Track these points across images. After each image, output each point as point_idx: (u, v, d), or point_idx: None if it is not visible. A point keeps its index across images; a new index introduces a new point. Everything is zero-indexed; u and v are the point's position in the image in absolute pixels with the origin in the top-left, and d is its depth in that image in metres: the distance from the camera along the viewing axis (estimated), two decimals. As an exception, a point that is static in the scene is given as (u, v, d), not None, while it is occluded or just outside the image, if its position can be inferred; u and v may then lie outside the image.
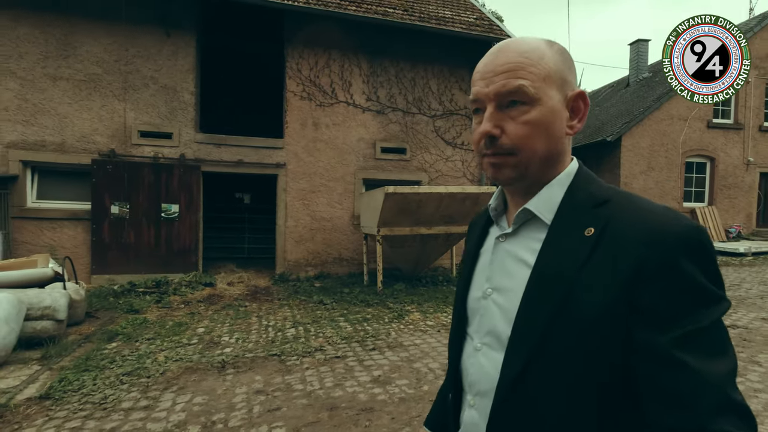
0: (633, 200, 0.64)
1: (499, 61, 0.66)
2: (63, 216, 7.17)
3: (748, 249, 10.09)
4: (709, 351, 0.53)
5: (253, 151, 8.02)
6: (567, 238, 0.64)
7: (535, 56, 0.65)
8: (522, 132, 0.65)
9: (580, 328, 0.58)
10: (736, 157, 12.51)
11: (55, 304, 4.32)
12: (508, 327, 0.66)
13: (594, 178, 0.70)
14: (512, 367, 0.63)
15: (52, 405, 3.12)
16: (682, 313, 0.54)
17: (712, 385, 0.51)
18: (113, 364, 3.87)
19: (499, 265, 0.72)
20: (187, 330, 5.01)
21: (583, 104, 0.69)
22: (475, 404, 0.71)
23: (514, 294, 0.67)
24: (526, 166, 0.67)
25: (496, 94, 0.65)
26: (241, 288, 7.57)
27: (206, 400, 3.14)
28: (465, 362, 0.76)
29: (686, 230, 0.57)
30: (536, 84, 0.64)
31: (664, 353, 0.53)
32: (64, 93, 7.10)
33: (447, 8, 9.42)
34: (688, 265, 0.55)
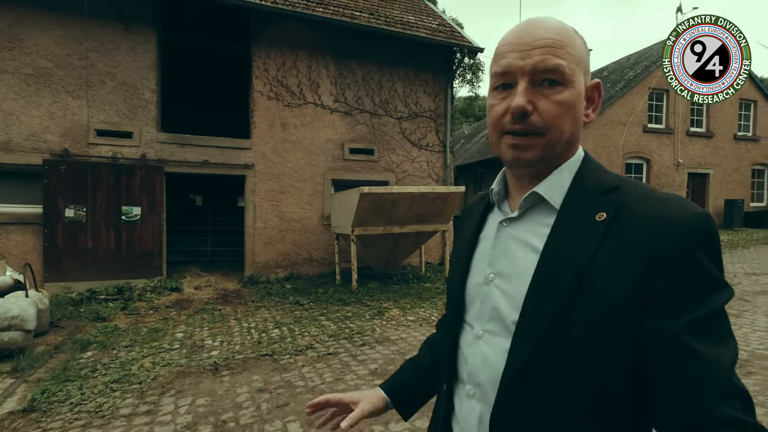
0: (642, 187, 0.64)
1: (537, 35, 0.64)
2: (9, 220, 6.65)
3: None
4: (716, 337, 0.54)
5: (219, 152, 7.84)
6: (578, 222, 0.63)
7: (572, 37, 0.65)
8: (555, 111, 0.63)
9: (591, 314, 0.57)
10: (668, 158, 13.81)
11: (23, 314, 4.06)
12: (513, 312, 0.64)
13: (600, 165, 0.70)
14: (520, 354, 0.62)
15: (40, 417, 2.96)
16: (694, 301, 0.55)
17: (719, 372, 0.52)
18: (96, 373, 3.71)
19: (503, 250, 0.70)
20: (165, 335, 4.86)
21: (597, 95, 0.69)
22: (475, 394, 0.69)
23: (520, 279, 0.65)
24: (552, 147, 0.65)
25: (534, 69, 0.63)
26: (210, 292, 7.39)
27: (209, 402, 3.12)
28: (464, 350, 0.73)
29: (699, 219, 0.57)
30: (571, 66, 0.63)
31: (675, 340, 0.54)
32: (9, 88, 6.58)
33: (410, 13, 9.69)
34: (701, 254, 0.56)
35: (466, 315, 0.75)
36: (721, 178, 14.54)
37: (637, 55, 15.94)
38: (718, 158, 14.45)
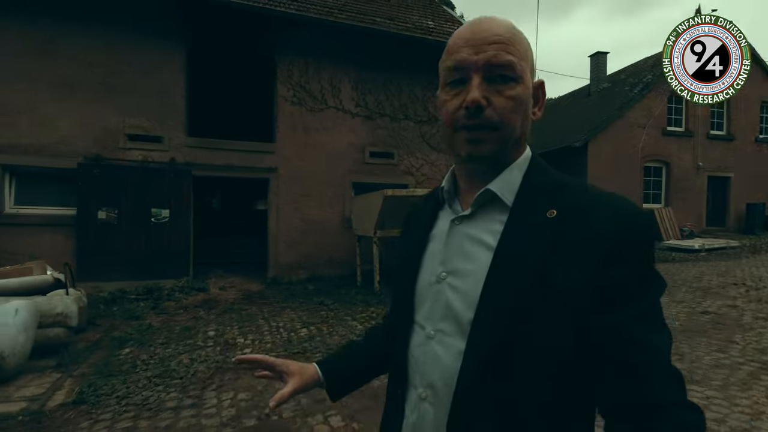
0: (587, 186, 0.66)
1: (491, 31, 0.65)
2: (44, 222, 6.89)
3: (702, 246, 11.05)
4: (657, 327, 0.58)
5: (244, 156, 8.02)
6: (530, 219, 0.64)
7: (520, 37, 0.67)
8: (508, 106, 0.64)
9: (546, 310, 0.58)
10: (688, 161, 13.66)
11: (66, 311, 4.23)
12: (467, 310, 0.64)
13: (547, 165, 0.72)
14: (477, 352, 0.62)
15: (90, 409, 3.11)
16: (639, 294, 0.58)
17: (662, 358, 0.56)
18: (137, 368, 3.86)
19: (456, 248, 0.70)
20: (198, 334, 5.00)
21: (542, 94, 0.71)
22: (427, 397, 0.68)
23: (473, 277, 0.65)
24: (505, 142, 0.66)
25: (487, 64, 0.64)
26: (234, 292, 7.55)
27: (250, 396, 3.23)
28: (414, 352, 0.72)
29: (642, 218, 0.61)
30: (521, 63, 0.65)
31: (623, 330, 0.56)
32: (45, 94, 6.84)
33: (430, 19, 9.80)
34: (645, 250, 0.60)
35: (416, 315, 0.73)
36: (742, 181, 14.31)
37: (655, 57, 15.79)
38: (739, 161, 14.24)
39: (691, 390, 3.18)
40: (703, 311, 5.48)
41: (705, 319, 5.11)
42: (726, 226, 14.24)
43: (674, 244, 11.55)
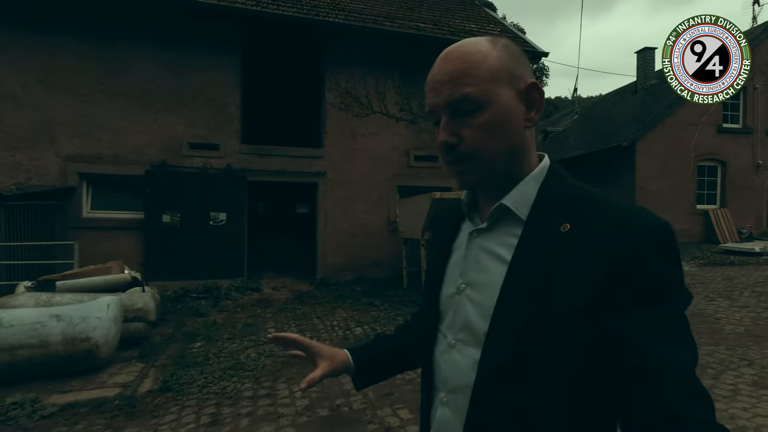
0: (604, 198, 0.65)
1: (443, 70, 0.67)
2: (117, 225, 7.47)
3: (764, 249, 10.45)
4: (676, 340, 0.56)
5: (294, 161, 8.36)
6: (543, 233, 0.64)
7: (477, 59, 0.65)
8: (478, 136, 0.65)
9: (558, 323, 0.59)
10: (746, 160, 12.94)
11: (146, 307, 4.63)
12: (483, 322, 0.66)
13: (565, 174, 0.71)
14: (490, 362, 0.63)
15: (176, 396, 3.41)
16: (653, 306, 0.57)
17: (681, 373, 0.54)
18: (210, 361, 4.17)
19: (473, 261, 0.72)
20: (259, 330, 5.30)
21: (537, 94, 0.68)
22: (448, 401, 0.71)
23: (489, 289, 0.67)
24: (490, 168, 0.67)
25: (446, 104, 0.66)
26: (286, 292, 7.87)
27: (320, 389, 3.44)
28: (438, 359, 0.75)
29: (655, 227, 0.60)
30: (482, 87, 0.64)
31: (636, 343, 0.55)
32: (119, 108, 7.43)
33: (472, 22, 9.85)
34: (659, 261, 0.58)
35: (440, 324, 0.76)
36: (809, 180, 13.39)
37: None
38: (805, 159, 13.33)
39: (764, 396, 3.11)
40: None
41: (774, 325, 4.91)
42: (790, 228, 13.36)
43: (732, 247, 10.98)
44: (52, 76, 7.19)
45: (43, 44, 7.10)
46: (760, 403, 3.01)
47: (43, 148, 7.16)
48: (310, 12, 7.97)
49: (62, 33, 7.16)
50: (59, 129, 7.21)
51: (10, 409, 3.17)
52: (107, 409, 3.23)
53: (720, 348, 4.19)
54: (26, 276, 5.90)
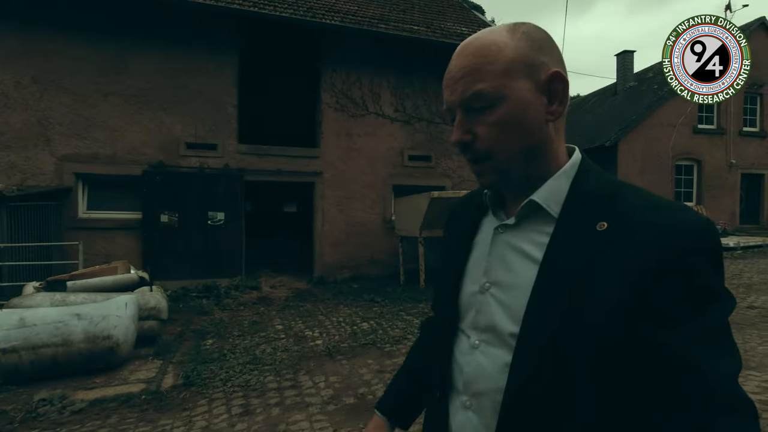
0: (642, 194, 0.62)
1: (458, 66, 0.64)
2: (114, 225, 7.44)
3: (737, 244, 11.06)
4: (719, 350, 0.53)
5: (291, 161, 8.46)
6: (578, 232, 0.61)
7: (492, 52, 0.62)
8: (492, 134, 0.63)
9: (594, 326, 0.56)
10: (720, 159, 13.61)
11: (159, 305, 4.69)
12: (511, 324, 0.63)
13: (599, 170, 0.68)
14: (523, 367, 0.60)
15: (201, 390, 3.52)
16: (695, 313, 0.53)
17: (721, 383, 0.51)
18: (227, 356, 4.28)
19: (499, 258, 0.68)
20: (267, 327, 5.42)
21: (560, 85, 0.64)
22: (471, 405, 0.67)
23: (518, 290, 0.64)
24: (506, 167, 0.65)
25: (460, 101, 0.64)
26: (285, 291, 7.97)
27: (341, 379, 3.60)
28: (459, 359, 0.71)
29: (700, 227, 0.56)
30: (496, 82, 0.61)
31: (677, 353, 0.52)
32: (115, 107, 7.40)
33: (463, 25, 10.09)
34: (702, 263, 0.55)
35: (461, 323, 0.73)
36: (777, 178, 14.16)
37: (685, 55, 15.75)
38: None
39: (749, 375, 3.42)
40: (749, 306, 5.65)
41: (752, 313, 5.29)
42: (760, 223, 14.11)
43: (708, 242, 11.55)
44: (45, 75, 7.11)
45: (35, 42, 7.02)
46: (746, 382, 3.31)
47: (38, 148, 7.08)
48: (306, 14, 8.08)
49: (55, 31, 7.09)
50: (54, 128, 7.14)
51: (39, 406, 3.23)
52: (135, 403, 3.33)
53: (706, 335, 4.51)
54: (28, 277, 5.87)
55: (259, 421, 2.96)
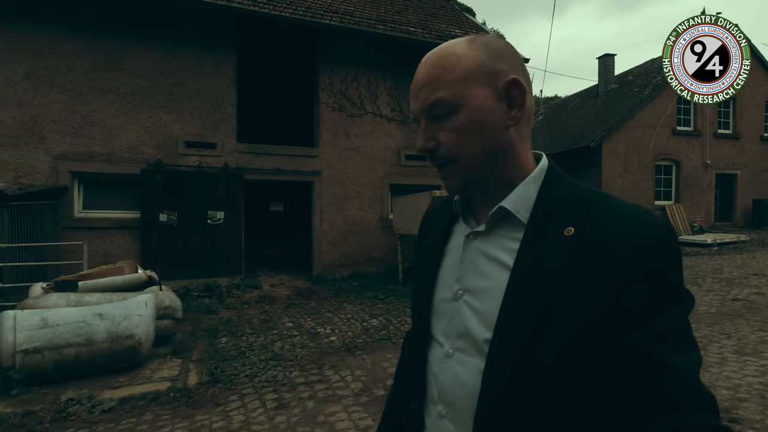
0: (607, 199, 0.64)
1: (420, 75, 0.67)
2: (111, 225, 7.32)
3: (714, 240, 11.61)
4: (683, 347, 0.55)
5: (290, 160, 8.47)
6: (546, 237, 0.62)
7: (450, 61, 0.65)
8: (453, 139, 0.65)
9: (566, 331, 0.57)
10: (697, 160, 14.24)
11: (173, 305, 4.70)
12: (484, 331, 0.63)
13: (565, 175, 0.69)
14: (496, 374, 0.60)
15: (229, 386, 3.57)
16: (663, 314, 0.55)
17: (689, 380, 0.53)
18: (246, 354, 4.32)
19: (471, 265, 0.69)
20: (277, 325, 5.47)
21: (518, 90, 0.65)
22: (447, 414, 0.67)
23: (490, 296, 0.64)
24: (470, 171, 0.66)
25: (422, 109, 0.67)
26: (285, 289, 8.00)
27: (366, 373, 3.71)
28: (433, 368, 0.71)
29: (663, 233, 0.58)
30: (454, 90, 0.63)
31: (645, 353, 0.54)
32: (112, 105, 7.28)
33: (456, 26, 10.29)
34: (666, 266, 0.57)
35: (434, 331, 0.73)
36: (748, 178, 14.92)
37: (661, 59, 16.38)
38: (745, 159, 14.84)
39: (747, 361, 3.69)
40: (734, 298, 6.00)
41: (738, 305, 5.64)
42: (733, 221, 14.84)
43: (687, 239, 12.10)
44: (38, 71, 6.94)
45: (25, 37, 6.84)
46: (746, 367, 3.58)
47: (32, 146, 6.90)
48: (306, 13, 8.11)
49: (45, 26, 6.92)
50: (49, 126, 6.98)
51: (68, 406, 3.23)
52: (165, 401, 3.36)
53: (701, 325, 4.81)
54: (27, 278, 5.75)
55: (296, 413, 3.05)
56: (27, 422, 3.06)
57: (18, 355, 3.40)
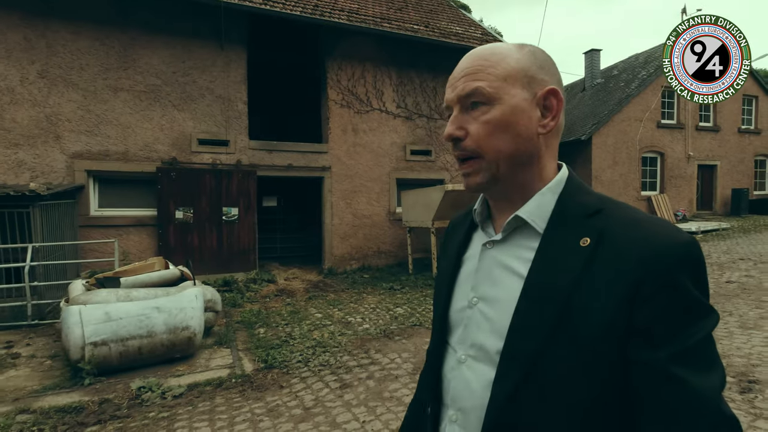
0: (625, 210, 0.63)
1: (461, 67, 0.68)
2: (127, 222, 7.40)
3: (698, 228, 12.28)
4: (704, 365, 0.54)
5: (300, 156, 8.65)
6: (561, 248, 0.61)
7: (496, 58, 0.66)
8: (483, 131, 0.65)
9: (577, 343, 0.56)
10: (680, 151, 14.92)
11: (214, 298, 4.89)
12: (496, 340, 0.63)
13: (584, 186, 0.69)
14: (505, 383, 0.60)
15: (288, 371, 3.82)
16: (680, 329, 0.54)
17: (707, 400, 0.52)
18: (289, 342, 4.56)
19: (486, 274, 0.69)
20: (308, 316, 5.70)
21: (555, 101, 0.66)
22: (457, 419, 0.68)
23: (503, 305, 0.64)
24: (495, 168, 0.66)
25: (458, 97, 0.66)
26: (299, 283, 8.21)
27: (412, 355, 3.99)
28: (447, 374, 0.72)
29: (684, 245, 0.56)
30: (494, 84, 0.64)
31: (662, 370, 0.53)
32: (126, 104, 7.32)
33: (456, 24, 10.57)
34: (686, 281, 0.55)
35: (450, 338, 0.74)
36: (727, 168, 15.71)
37: (646, 54, 17.01)
38: (724, 150, 15.62)
39: (752, 334, 4.12)
40: (727, 281, 6.51)
41: (732, 287, 6.13)
42: (713, 210, 15.63)
43: (673, 227, 12.74)
44: (52, 70, 6.94)
45: (38, 35, 6.83)
46: (752, 339, 4.00)
47: (48, 145, 6.92)
48: (315, 12, 8.26)
49: (57, 24, 6.92)
50: (64, 125, 6.99)
51: (141, 393, 3.43)
52: (230, 386, 3.58)
53: (704, 305, 5.25)
54: (53, 276, 5.83)
55: (361, 391, 3.32)
56: (106, 409, 3.24)
57: (87, 348, 3.57)
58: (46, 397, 3.40)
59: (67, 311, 3.66)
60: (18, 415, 3.11)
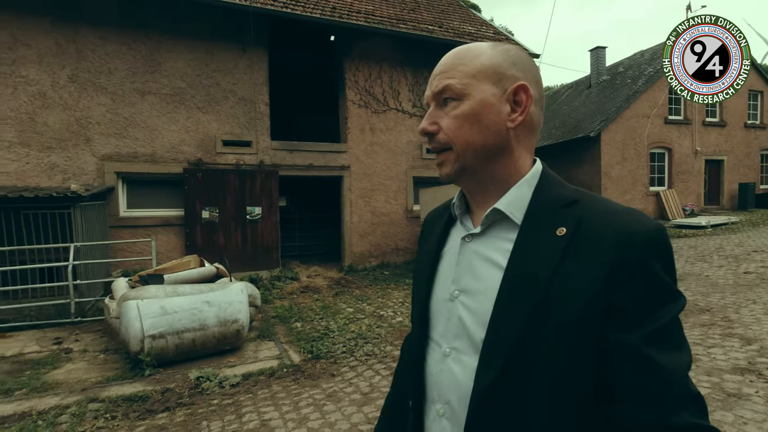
0: (600, 201, 0.65)
1: (438, 67, 0.72)
2: (155, 223, 7.57)
3: (708, 222, 12.43)
4: (673, 346, 0.57)
5: (320, 156, 8.82)
6: (539, 237, 0.64)
7: (470, 56, 0.69)
8: (453, 125, 0.68)
9: (557, 330, 0.58)
10: (687, 147, 15.08)
11: (254, 293, 5.06)
12: (480, 330, 0.64)
13: (558, 179, 0.71)
14: (488, 372, 0.62)
15: (335, 361, 3.98)
16: (652, 312, 0.57)
17: (678, 380, 0.55)
18: (329, 335, 4.72)
19: (467, 266, 0.70)
20: (340, 311, 5.87)
21: (525, 96, 0.68)
22: (445, 413, 0.69)
23: (484, 296, 0.65)
24: (463, 159, 0.69)
25: (433, 94, 0.71)
26: (321, 280, 8.37)
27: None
28: (431, 368, 0.73)
29: (655, 232, 0.60)
30: (464, 81, 0.67)
31: (636, 351, 0.55)
32: (153, 106, 7.49)
33: (468, 24, 10.73)
34: (657, 265, 0.58)
35: (432, 332, 0.75)
36: (734, 163, 15.86)
37: (651, 51, 17.16)
38: (730, 145, 15.77)
39: (779, 320, 4.28)
40: (745, 272, 6.67)
41: (751, 277, 6.29)
42: (720, 204, 15.79)
43: (682, 222, 12.90)
44: (81, 74, 7.11)
45: (68, 40, 6.99)
46: None
47: (78, 148, 7.09)
48: (333, 14, 8.42)
49: (86, 29, 7.08)
50: (93, 128, 7.16)
51: (200, 382, 3.59)
52: (282, 374, 3.75)
53: (726, 294, 5.42)
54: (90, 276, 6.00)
55: (413, 378, 3.48)
56: (169, 398, 3.41)
57: (146, 340, 3.73)
58: (110, 387, 3.57)
59: (125, 306, 3.82)
60: (89, 403, 3.28)
